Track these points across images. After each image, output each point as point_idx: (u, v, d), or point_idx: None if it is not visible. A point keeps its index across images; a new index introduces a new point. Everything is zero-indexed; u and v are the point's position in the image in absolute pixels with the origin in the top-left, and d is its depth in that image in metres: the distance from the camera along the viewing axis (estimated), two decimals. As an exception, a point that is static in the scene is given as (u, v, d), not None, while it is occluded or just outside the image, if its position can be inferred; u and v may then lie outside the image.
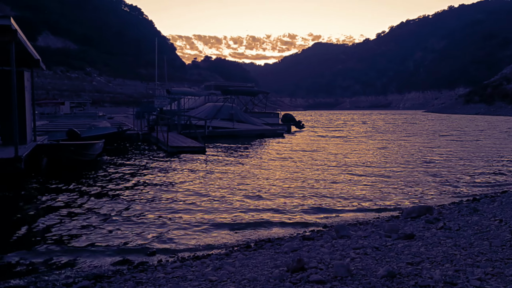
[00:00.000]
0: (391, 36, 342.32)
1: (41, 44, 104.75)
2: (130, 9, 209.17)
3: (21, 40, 9.87)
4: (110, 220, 7.60)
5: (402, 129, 39.91)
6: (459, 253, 4.21)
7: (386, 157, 17.22)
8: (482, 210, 7.00)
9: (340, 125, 49.30)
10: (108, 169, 13.79)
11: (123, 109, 62.45)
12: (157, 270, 5.10)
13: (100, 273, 5.21)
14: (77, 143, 13.93)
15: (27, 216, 8.07)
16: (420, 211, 7.09)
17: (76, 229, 7.01)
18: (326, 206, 8.82)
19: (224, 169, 13.73)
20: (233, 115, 29.55)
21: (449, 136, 29.20)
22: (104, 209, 8.35)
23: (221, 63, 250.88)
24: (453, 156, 17.51)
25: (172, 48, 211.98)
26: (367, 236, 5.75)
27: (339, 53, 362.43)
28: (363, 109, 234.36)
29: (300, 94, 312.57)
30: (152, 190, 10.29)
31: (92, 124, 20.78)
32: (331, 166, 14.60)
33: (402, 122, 57.26)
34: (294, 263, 4.16)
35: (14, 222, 7.66)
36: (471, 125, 45.51)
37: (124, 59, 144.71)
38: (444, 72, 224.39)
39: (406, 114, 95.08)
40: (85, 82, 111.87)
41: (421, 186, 11.02)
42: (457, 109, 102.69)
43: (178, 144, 19.10)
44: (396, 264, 4.03)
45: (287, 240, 6.34)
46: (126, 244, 6.33)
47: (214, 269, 4.78)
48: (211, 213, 8.09)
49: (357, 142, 24.98)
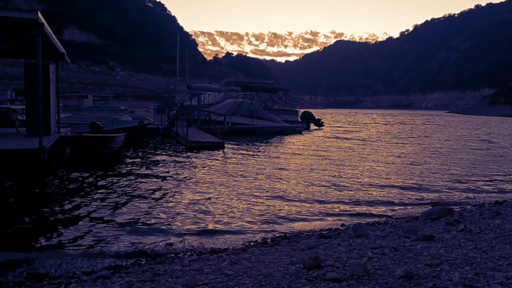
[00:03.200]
0: (415, 35, 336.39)
1: (67, 38, 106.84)
2: (154, 5, 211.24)
3: (48, 33, 10.09)
4: (129, 212, 7.72)
5: (424, 130, 39.24)
6: (479, 256, 4.12)
7: (407, 158, 16.97)
8: (505, 214, 6.83)
9: (361, 124, 48.75)
10: (129, 162, 14.01)
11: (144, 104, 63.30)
12: (174, 263, 5.17)
13: (119, 263, 5.31)
14: (99, 135, 14.17)
15: (50, 206, 8.27)
16: (441, 213, 6.96)
17: (96, 220, 7.15)
18: (344, 205, 8.76)
19: (242, 166, 13.78)
20: (252, 112, 29.58)
21: (474, 138, 28.55)
22: (124, 201, 8.50)
23: (242, 59, 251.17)
24: (479, 159, 17.13)
25: (194, 44, 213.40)
26: (385, 236, 5.68)
27: (361, 51, 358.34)
28: (384, 108, 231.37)
29: (321, 92, 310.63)
30: (170, 184, 10.41)
31: (114, 118, 21.11)
32: (350, 165, 14.48)
33: (425, 122, 56.23)
34: (310, 260, 4.15)
35: (37, 210, 7.85)
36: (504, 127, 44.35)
37: (147, 54, 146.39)
38: (469, 72, 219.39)
39: (430, 115, 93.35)
40: (108, 76, 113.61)
41: (442, 187, 10.83)
42: (481, 110, 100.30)
43: (198, 139, 19.24)
44: (414, 265, 3.98)
45: (304, 238, 6.32)
46: (145, 236, 6.43)
47: (230, 264, 4.81)
48: (229, 208, 8.14)
49: (377, 142, 24.68)
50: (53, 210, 7.90)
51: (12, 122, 14.38)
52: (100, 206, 8.03)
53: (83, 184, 10.13)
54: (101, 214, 7.48)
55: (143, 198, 8.81)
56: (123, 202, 8.41)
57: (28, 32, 9.45)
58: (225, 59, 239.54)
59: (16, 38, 11.34)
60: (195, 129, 23.73)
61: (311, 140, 24.37)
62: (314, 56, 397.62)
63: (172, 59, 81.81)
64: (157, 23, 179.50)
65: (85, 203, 8.25)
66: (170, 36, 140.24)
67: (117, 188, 9.80)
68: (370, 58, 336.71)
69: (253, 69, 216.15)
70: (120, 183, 10.41)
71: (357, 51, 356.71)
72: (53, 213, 7.61)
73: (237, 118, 28.48)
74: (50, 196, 9.21)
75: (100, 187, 9.82)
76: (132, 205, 8.22)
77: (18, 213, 7.62)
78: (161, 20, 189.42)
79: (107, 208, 7.90)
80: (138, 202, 8.45)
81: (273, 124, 29.69)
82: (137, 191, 9.47)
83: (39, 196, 9.17)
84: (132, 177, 11.22)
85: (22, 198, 8.87)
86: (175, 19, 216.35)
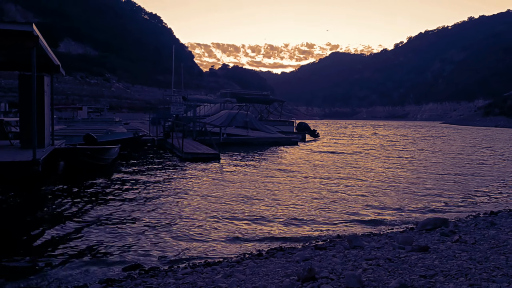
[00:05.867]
0: (410, 47, 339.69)
1: (62, 50, 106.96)
2: (150, 17, 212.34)
3: (42, 46, 10.09)
4: (123, 224, 7.66)
5: (420, 141, 39.41)
6: (474, 267, 4.11)
7: (402, 169, 17.00)
8: (499, 224, 6.83)
9: (356, 135, 48.90)
10: (123, 174, 13.93)
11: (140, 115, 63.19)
12: (168, 276, 5.11)
13: (112, 277, 5.25)
14: (93, 147, 14.11)
15: (41, 218, 8.19)
16: (436, 224, 6.95)
17: (89, 233, 7.09)
18: (339, 216, 8.73)
19: (238, 177, 13.74)
20: (247, 123, 29.62)
21: (470, 149, 28.68)
22: (117, 213, 8.43)
23: (238, 71, 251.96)
24: (473, 170, 17.19)
25: (190, 55, 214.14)
26: (380, 247, 5.66)
27: (356, 63, 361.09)
28: (379, 119, 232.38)
29: (317, 103, 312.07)
30: (165, 196, 10.35)
31: (109, 129, 21.00)
32: (345, 176, 14.48)
33: (421, 134, 56.49)
34: (305, 272, 4.11)
35: (27, 224, 7.77)
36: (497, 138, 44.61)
37: (143, 66, 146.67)
38: (463, 83, 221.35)
39: (425, 126, 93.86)
40: (104, 88, 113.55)
41: (437, 198, 10.83)
42: (476, 121, 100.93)
43: (193, 150, 19.20)
44: (409, 277, 3.95)
45: (299, 249, 6.29)
46: (138, 249, 6.36)
47: (224, 276, 4.77)
48: (224, 221, 8.08)
49: (372, 153, 24.74)
50: (44, 222, 7.82)
51: (6, 134, 14.28)
52: (93, 219, 7.96)
53: (76, 196, 10.05)
54: (94, 227, 7.42)
55: (137, 210, 8.74)
56: (117, 214, 8.34)
57: (23, 45, 9.44)
58: (221, 70, 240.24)
59: (11, 50, 11.32)
60: (190, 141, 23.69)
61: (306, 151, 24.38)
62: (310, 68, 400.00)
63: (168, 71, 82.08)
64: (153, 35, 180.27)
65: (78, 216, 8.17)
66: (166, 48, 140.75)
67: (110, 199, 9.73)
68: (365, 69, 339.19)
69: (249, 80, 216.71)
70: (113, 194, 10.34)
71: (352, 62, 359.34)
72: (44, 225, 7.53)
73: (233, 129, 28.49)
74: (42, 208, 9.12)
75: (93, 199, 9.75)
76: (126, 217, 8.16)
77: (5, 227, 7.53)
78: (157, 32, 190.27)
79: (100, 221, 7.83)
80: (132, 214, 8.39)
81: (268, 135, 29.71)
82: (131, 203, 9.40)
83: (30, 207, 9.08)
84: (126, 189, 11.15)
85: (12, 210, 8.78)
86: (171, 31, 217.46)
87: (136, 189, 11.16)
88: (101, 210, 8.66)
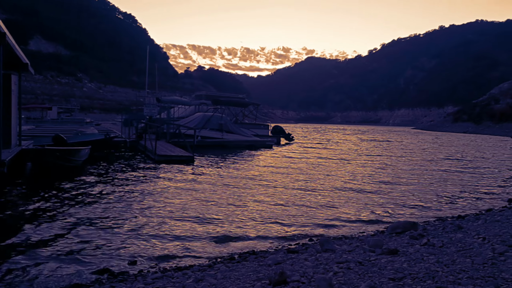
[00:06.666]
0: (383, 54, 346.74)
1: (32, 48, 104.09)
2: (124, 17, 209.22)
3: (10, 43, 9.76)
4: (91, 228, 7.47)
5: (392, 145, 40.24)
6: (441, 270, 4.19)
7: (373, 174, 17.29)
8: (466, 228, 7.02)
9: (330, 139, 49.51)
10: (92, 176, 13.61)
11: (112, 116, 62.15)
12: (137, 281, 5.02)
13: (79, 281, 5.11)
14: (62, 148, 13.75)
15: (4, 222, 7.89)
16: (405, 227, 7.08)
17: (56, 237, 6.87)
18: (312, 219, 8.78)
19: (211, 180, 13.64)
20: (222, 125, 29.52)
21: (439, 154, 29.46)
22: (85, 217, 8.21)
23: (214, 73, 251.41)
24: (441, 174, 17.65)
25: (165, 56, 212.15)
26: (351, 250, 5.71)
27: (331, 68, 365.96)
28: (353, 124, 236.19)
29: (292, 107, 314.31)
30: (136, 199, 10.16)
31: (79, 130, 20.50)
32: (318, 180, 14.60)
33: (392, 138, 57.70)
34: (276, 276, 4.11)
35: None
36: (466, 144, 46.01)
37: (116, 66, 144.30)
38: (434, 90, 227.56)
39: (397, 131, 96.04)
40: (75, 88, 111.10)
41: (408, 202, 11.05)
42: (445, 127, 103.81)
43: (166, 153, 18.97)
44: (378, 280, 4.00)
45: (271, 253, 6.28)
46: (107, 253, 6.21)
47: (195, 281, 4.71)
48: (196, 224, 8.00)
49: (345, 157, 25.08)
50: (6, 225, 7.54)
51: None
52: (59, 222, 7.73)
53: (43, 199, 9.74)
54: (60, 230, 7.20)
55: (106, 213, 8.54)
56: (84, 218, 8.12)
57: (-11, 41, 9.12)
58: (197, 72, 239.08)
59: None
60: (164, 143, 23.42)
61: (281, 155, 24.49)
62: (286, 72, 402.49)
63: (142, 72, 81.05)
64: (128, 35, 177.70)
65: (43, 219, 7.92)
66: (140, 48, 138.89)
67: (78, 202, 9.47)
68: (340, 75, 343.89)
69: (225, 83, 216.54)
70: (81, 197, 10.08)
71: (327, 67, 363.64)
72: (6, 229, 7.25)
73: (207, 131, 28.34)
74: (5, 211, 8.78)
75: (60, 202, 9.47)
76: (94, 220, 7.96)
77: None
78: (132, 32, 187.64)
79: (67, 224, 7.61)
80: (101, 217, 8.19)
81: (243, 138, 29.70)
82: (99, 206, 9.18)
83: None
84: (95, 192, 10.89)
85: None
86: (145, 32, 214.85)
87: (106, 192, 10.91)
88: (68, 213, 8.41)
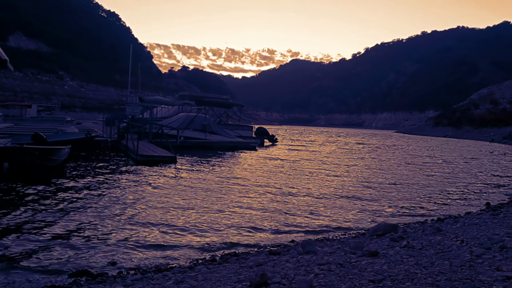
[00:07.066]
0: (366, 58, 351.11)
1: (12, 45, 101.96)
2: (108, 15, 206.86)
3: (-12, 38, 9.52)
4: (70, 230, 7.32)
5: (374, 149, 40.71)
6: (420, 272, 4.24)
7: (356, 177, 17.44)
8: (445, 230, 7.13)
9: (313, 141, 49.79)
10: (72, 176, 13.36)
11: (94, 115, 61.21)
12: (116, 282, 4.94)
13: (56, 283, 5.01)
14: (42, 147, 13.45)
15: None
16: (386, 229, 7.15)
17: (33, 238, 6.71)
18: (294, 221, 8.79)
19: (193, 181, 13.54)
20: (206, 126, 29.37)
21: (420, 158, 29.92)
22: (65, 218, 8.05)
23: (198, 73, 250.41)
24: (421, 177, 17.91)
25: (149, 56, 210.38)
26: (332, 252, 5.74)
27: (316, 70, 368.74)
28: (337, 126, 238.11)
29: (276, 108, 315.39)
30: (116, 200, 10.01)
31: (60, 129, 20.08)
32: (300, 182, 14.64)
33: (374, 141, 58.36)
34: (257, 278, 4.09)
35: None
36: (446, 148, 46.83)
37: (99, 64, 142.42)
38: (416, 95, 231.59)
39: (380, 134, 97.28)
40: (56, 86, 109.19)
41: (389, 204, 11.17)
42: (426, 131, 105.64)
43: (148, 153, 18.75)
44: (359, 281, 4.02)
45: (253, 255, 6.26)
46: (86, 255, 6.10)
47: (175, 283, 4.66)
48: (178, 226, 7.91)
49: (328, 160, 25.24)
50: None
51: None
52: (37, 223, 7.56)
53: (20, 199, 9.51)
54: (39, 232, 7.03)
55: (86, 214, 8.39)
56: (64, 219, 7.96)
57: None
58: (181, 72, 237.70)
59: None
60: (146, 143, 23.14)
61: (264, 157, 24.50)
62: (271, 74, 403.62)
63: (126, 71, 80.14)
64: (111, 33, 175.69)
65: (21, 220, 7.73)
66: (124, 47, 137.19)
67: (57, 203, 9.28)
68: (324, 77, 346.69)
69: (210, 83, 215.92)
70: (61, 197, 9.88)
71: (312, 70, 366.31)
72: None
73: (190, 132, 28.16)
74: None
75: (38, 203, 9.25)
76: (74, 221, 7.81)
77: None
78: (115, 31, 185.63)
79: (46, 225, 7.45)
80: (81, 219, 8.04)
81: (226, 139, 29.60)
82: (80, 207, 9.01)
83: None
84: (75, 192, 10.69)
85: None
86: (129, 30, 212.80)
87: (85, 193, 10.72)
88: (47, 214, 8.23)
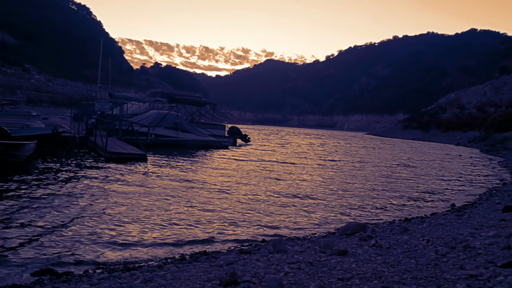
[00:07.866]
0: (339, 60, 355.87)
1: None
2: (78, 8, 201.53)
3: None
4: (35, 227, 7.08)
5: (345, 149, 41.35)
6: (387, 270, 4.33)
7: (326, 178, 17.67)
8: (412, 230, 7.31)
9: (286, 141, 50.13)
10: (37, 172, 12.93)
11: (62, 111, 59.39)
12: (82, 281, 4.82)
13: (17, 283, 4.84)
14: (5, 142, 12.95)
15: None
16: (355, 229, 7.27)
17: (-5, 234, 6.45)
18: (265, 221, 8.82)
19: (163, 180, 13.35)
20: (177, 124, 29.01)
21: (390, 160, 30.61)
22: (29, 216, 7.77)
23: (171, 71, 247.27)
24: (390, 178, 18.32)
25: (120, 51, 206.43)
26: (303, 251, 5.78)
27: (290, 71, 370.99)
28: (310, 127, 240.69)
29: (250, 108, 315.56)
30: (83, 199, 9.75)
31: (25, 124, 19.37)
32: (271, 182, 14.70)
33: (345, 143, 59.31)
34: (227, 276, 4.07)
35: None
36: (414, 150, 48.06)
37: (68, 58, 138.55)
38: (386, 98, 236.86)
39: (351, 136, 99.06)
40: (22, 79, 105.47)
41: (358, 205, 11.37)
42: (396, 133, 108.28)
43: (118, 150, 18.37)
44: (328, 279, 4.06)
45: (224, 253, 6.23)
46: (50, 253, 5.92)
47: (143, 282, 4.59)
48: (146, 225, 7.79)
49: (299, 161, 25.46)
50: None
51: None
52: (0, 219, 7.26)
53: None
54: (1, 230, 6.76)
55: (51, 212, 8.13)
56: (27, 216, 7.70)
57: None
58: (153, 69, 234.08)
59: None
60: (115, 140, 22.63)
61: (236, 156, 24.46)
62: (245, 73, 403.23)
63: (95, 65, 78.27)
64: (81, 27, 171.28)
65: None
66: (94, 41, 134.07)
67: (20, 200, 8.95)
68: (298, 78, 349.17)
69: (183, 81, 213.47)
70: (24, 195, 9.54)
71: (286, 71, 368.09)
72: None
73: (162, 130, 27.76)
74: None
75: (0, 200, 8.89)
76: (38, 219, 7.55)
77: None
78: (85, 24, 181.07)
79: (8, 222, 7.17)
80: (45, 216, 7.79)
81: (198, 138, 29.36)
82: (44, 204, 8.73)
83: None
84: (39, 189, 10.34)
85: None
86: (100, 24, 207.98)
87: (50, 190, 10.38)
88: (10, 211, 7.93)
